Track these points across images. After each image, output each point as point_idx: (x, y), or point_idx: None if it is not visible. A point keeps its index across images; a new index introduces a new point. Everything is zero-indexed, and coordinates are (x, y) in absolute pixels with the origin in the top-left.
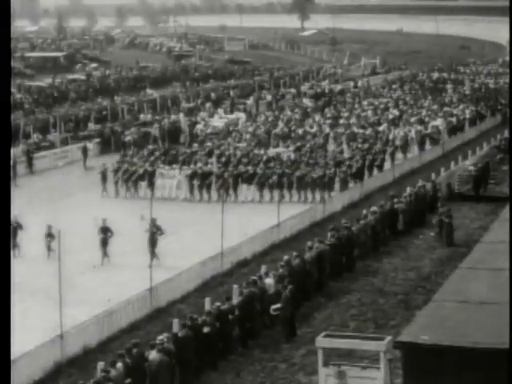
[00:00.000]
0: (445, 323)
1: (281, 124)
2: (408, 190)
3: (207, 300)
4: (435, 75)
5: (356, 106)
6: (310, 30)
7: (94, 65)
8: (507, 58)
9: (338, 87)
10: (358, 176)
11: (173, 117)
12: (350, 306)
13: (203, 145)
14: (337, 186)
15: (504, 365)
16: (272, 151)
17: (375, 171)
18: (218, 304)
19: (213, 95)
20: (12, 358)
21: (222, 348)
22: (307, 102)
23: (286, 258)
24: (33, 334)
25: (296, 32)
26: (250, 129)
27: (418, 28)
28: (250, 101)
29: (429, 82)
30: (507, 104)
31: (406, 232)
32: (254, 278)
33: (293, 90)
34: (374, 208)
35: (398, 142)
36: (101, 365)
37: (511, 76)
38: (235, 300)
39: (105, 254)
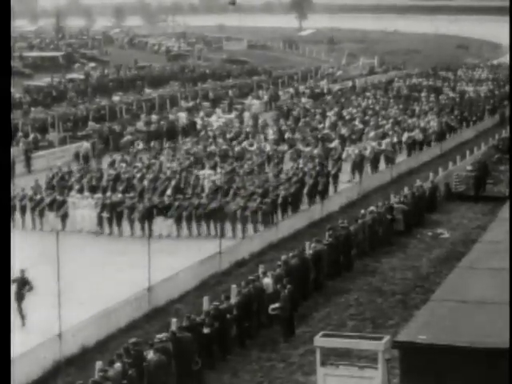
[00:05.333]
0: (443, 323)
1: (220, 140)
2: (406, 189)
3: (205, 299)
4: (413, 81)
5: (317, 116)
6: (308, 30)
7: (92, 64)
8: (499, 60)
9: (336, 87)
10: (289, 206)
11: (171, 116)
12: (348, 305)
13: (132, 164)
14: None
15: (503, 364)
16: (201, 173)
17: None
18: (216, 303)
19: (211, 95)
20: (11, 357)
21: (220, 348)
22: (305, 101)
23: (283, 257)
24: (32, 334)
25: (294, 32)
26: (189, 144)
27: (417, 27)
28: (248, 100)
29: (404, 89)
30: (494, 106)
31: (405, 232)
32: (252, 277)
33: (291, 90)
34: (371, 208)
35: (349, 161)
36: (99, 364)
37: (511, 76)
38: (233, 300)
39: None
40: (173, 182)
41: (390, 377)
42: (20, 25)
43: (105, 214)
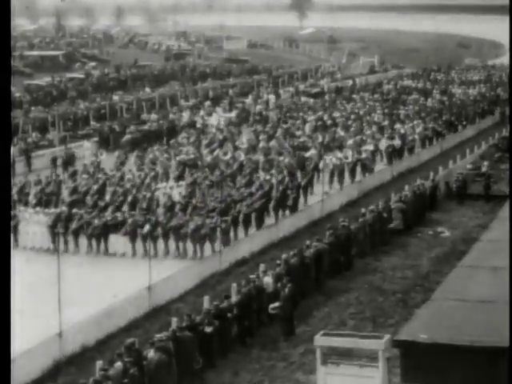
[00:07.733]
0: (443, 322)
1: (189, 148)
2: (406, 188)
3: (206, 299)
4: (404, 83)
5: (298, 121)
6: (309, 29)
7: (92, 63)
8: (499, 60)
9: (337, 85)
10: (251, 223)
11: (171, 115)
12: (349, 304)
13: (94, 176)
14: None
15: (504, 363)
16: (162, 186)
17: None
18: (216, 302)
19: (211, 94)
20: (11, 356)
21: (221, 346)
22: (305, 99)
23: (284, 256)
24: (32, 333)
25: (294, 30)
26: (157, 153)
27: (417, 26)
28: (249, 99)
29: (393, 92)
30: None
31: (405, 230)
32: (253, 276)
33: (291, 89)
34: (372, 207)
35: (327, 170)
36: (99, 363)
37: (511, 75)
38: (234, 299)
39: None
40: (129, 197)
41: (390, 376)
42: (20, 24)
43: (59, 230)
